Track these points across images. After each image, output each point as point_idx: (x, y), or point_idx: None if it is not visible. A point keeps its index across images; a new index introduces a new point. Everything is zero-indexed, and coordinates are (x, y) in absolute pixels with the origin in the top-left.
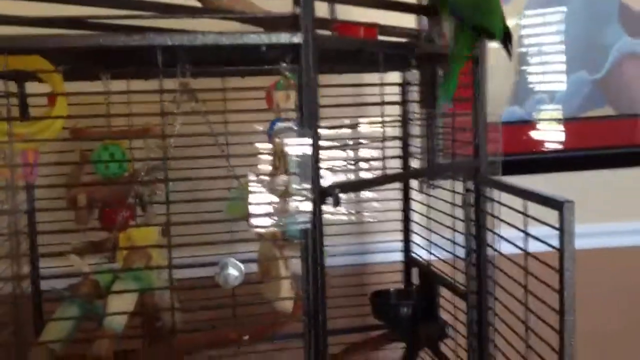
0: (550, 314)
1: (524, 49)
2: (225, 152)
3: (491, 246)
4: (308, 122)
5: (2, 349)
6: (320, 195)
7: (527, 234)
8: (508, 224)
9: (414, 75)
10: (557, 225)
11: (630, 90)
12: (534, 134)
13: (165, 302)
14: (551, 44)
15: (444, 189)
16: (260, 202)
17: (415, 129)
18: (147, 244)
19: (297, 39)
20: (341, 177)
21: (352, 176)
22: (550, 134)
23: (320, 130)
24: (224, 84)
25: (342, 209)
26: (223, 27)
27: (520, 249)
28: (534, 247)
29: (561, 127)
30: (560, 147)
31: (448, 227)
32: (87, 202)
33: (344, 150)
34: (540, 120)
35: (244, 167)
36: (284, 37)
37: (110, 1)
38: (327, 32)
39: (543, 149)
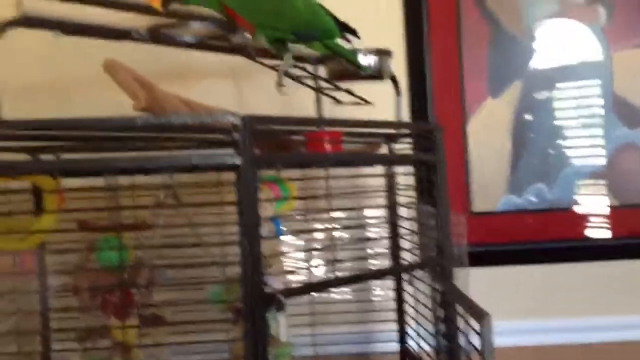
0: None
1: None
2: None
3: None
4: (247, 235)
5: None
6: (263, 300)
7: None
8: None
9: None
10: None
11: (630, 181)
12: (531, 223)
13: None
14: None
15: (425, 282)
16: None
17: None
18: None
19: (237, 161)
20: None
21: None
22: (549, 223)
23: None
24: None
25: (337, 295)
26: None
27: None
28: None
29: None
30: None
31: (428, 320)
32: (90, 290)
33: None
34: (542, 209)
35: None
36: (226, 159)
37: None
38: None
39: (541, 238)
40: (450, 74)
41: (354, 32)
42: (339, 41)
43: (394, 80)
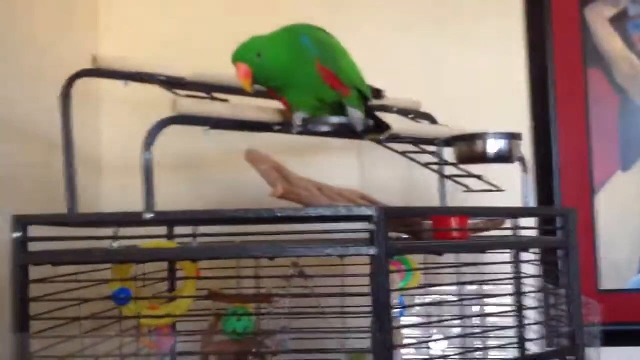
0: None
1: None
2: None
3: None
4: (380, 323)
5: None
6: None
7: None
8: None
9: None
10: None
11: None
12: None
13: None
14: None
15: None
16: None
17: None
18: None
19: (372, 251)
20: None
21: None
22: None
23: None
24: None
25: None
26: None
27: None
28: None
29: None
30: None
31: None
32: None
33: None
34: None
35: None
36: (362, 250)
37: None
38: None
39: None
40: (578, 149)
41: None
42: None
43: (521, 159)
